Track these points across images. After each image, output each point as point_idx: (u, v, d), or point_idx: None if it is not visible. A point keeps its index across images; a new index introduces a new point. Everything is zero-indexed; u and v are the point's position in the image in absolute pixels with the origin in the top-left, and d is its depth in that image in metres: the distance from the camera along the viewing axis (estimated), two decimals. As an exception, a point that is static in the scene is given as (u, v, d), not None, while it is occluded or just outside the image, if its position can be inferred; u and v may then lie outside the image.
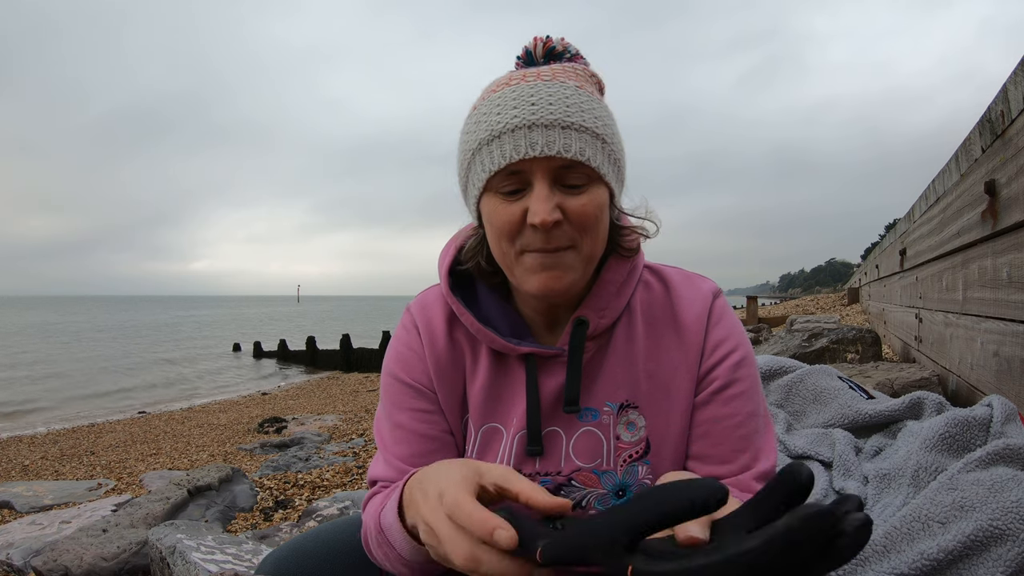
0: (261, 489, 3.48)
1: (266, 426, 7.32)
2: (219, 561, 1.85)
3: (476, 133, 0.72)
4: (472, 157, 0.73)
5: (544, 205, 0.68)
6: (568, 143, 0.68)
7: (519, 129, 0.68)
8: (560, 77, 0.72)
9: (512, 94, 0.71)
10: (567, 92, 0.71)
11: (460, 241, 0.84)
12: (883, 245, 7.20)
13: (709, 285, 0.83)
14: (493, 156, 0.70)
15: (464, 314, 0.81)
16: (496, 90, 0.73)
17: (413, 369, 0.83)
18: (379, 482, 0.81)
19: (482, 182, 0.72)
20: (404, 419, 0.82)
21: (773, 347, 4.04)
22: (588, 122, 0.70)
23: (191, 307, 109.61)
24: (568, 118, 0.69)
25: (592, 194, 0.71)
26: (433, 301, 0.86)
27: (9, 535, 2.92)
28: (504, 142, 0.69)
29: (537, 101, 0.69)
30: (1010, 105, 1.89)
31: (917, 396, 1.87)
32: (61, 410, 11.18)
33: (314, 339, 20.08)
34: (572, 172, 0.70)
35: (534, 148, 0.68)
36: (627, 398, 0.79)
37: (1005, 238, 2.00)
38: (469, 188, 0.76)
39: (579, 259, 0.73)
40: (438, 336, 0.83)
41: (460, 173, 0.78)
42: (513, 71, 0.77)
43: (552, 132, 0.68)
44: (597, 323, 0.79)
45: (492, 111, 0.71)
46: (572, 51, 0.78)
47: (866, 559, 1.14)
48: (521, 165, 0.69)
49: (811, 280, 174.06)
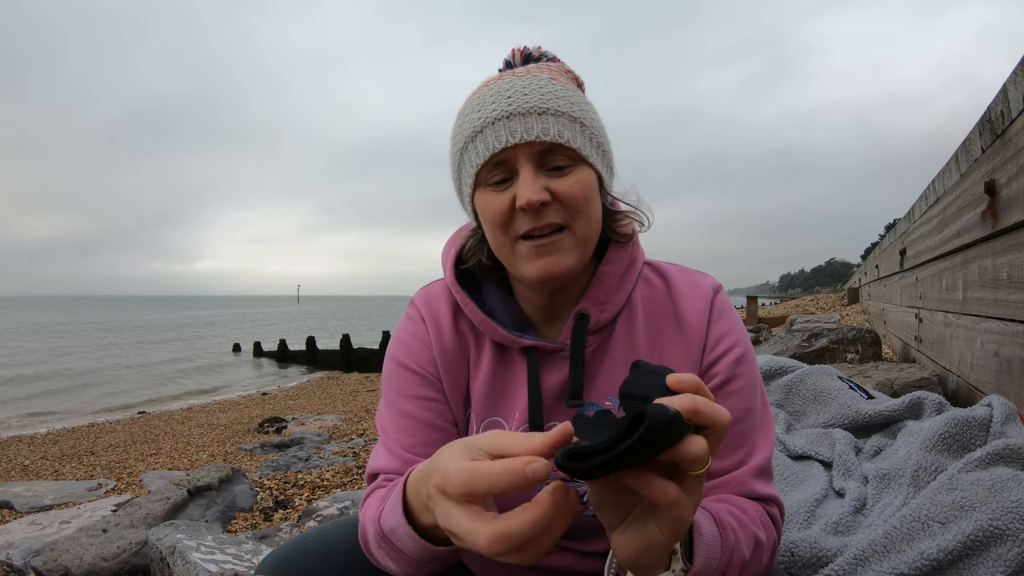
0: (261, 489, 3.48)
1: (266, 426, 7.32)
2: (219, 561, 1.85)
3: (461, 133, 0.76)
4: (461, 156, 0.77)
5: (530, 187, 0.71)
6: (546, 127, 0.72)
7: (499, 121, 0.72)
8: (535, 72, 0.77)
9: (490, 92, 0.75)
10: (540, 83, 0.75)
11: (462, 239, 0.86)
12: (883, 245, 7.20)
13: (710, 281, 0.84)
14: (478, 150, 0.74)
15: (468, 305, 0.82)
16: (476, 93, 0.78)
17: (420, 357, 0.83)
18: (381, 474, 0.81)
19: (472, 178, 0.75)
20: (410, 407, 0.82)
21: (773, 347, 4.04)
22: (563, 107, 0.74)
23: (193, 307, 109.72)
24: (543, 104, 0.73)
25: (578, 175, 0.74)
26: (438, 294, 0.87)
27: (9, 535, 2.92)
28: (487, 135, 0.73)
29: (513, 94, 0.73)
30: (1010, 105, 1.89)
31: (917, 396, 1.87)
32: (60, 410, 11.19)
33: (314, 339, 20.08)
34: (554, 155, 0.73)
35: (514, 136, 0.71)
36: None
37: (1005, 238, 2.00)
38: (462, 187, 0.79)
39: (574, 241, 0.74)
40: (444, 327, 0.84)
41: (453, 175, 0.81)
42: (492, 75, 0.80)
43: (529, 119, 0.72)
44: (598, 317, 0.80)
45: (473, 110, 0.75)
46: (549, 55, 0.83)
47: (866, 559, 1.14)
48: (505, 154, 0.73)
49: (811, 280, 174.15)
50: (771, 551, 0.73)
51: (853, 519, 1.38)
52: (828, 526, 1.34)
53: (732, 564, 0.64)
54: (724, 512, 0.68)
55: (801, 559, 1.21)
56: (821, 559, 1.20)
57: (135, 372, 17.25)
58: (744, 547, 0.67)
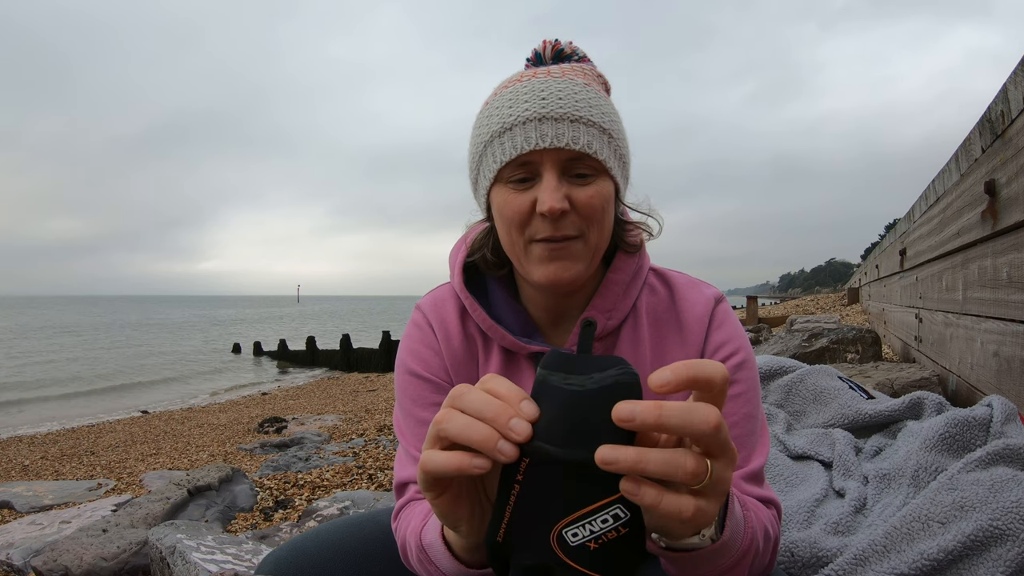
0: (261, 489, 3.48)
1: (266, 426, 7.32)
2: (219, 561, 1.85)
3: (488, 126, 0.75)
4: (484, 149, 0.75)
5: (553, 194, 0.70)
6: (577, 136, 0.71)
7: (530, 121, 0.71)
8: (569, 75, 0.75)
9: (524, 89, 0.73)
10: (576, 88, 0.73)
11: (471, 239, 0.86)
12: (883, 245, 7.20)
13: (712, 291, 0.84)
14: (505, 147, 0.72)
15: (476, 310, 0.82)
16: (508, 86, 0.76)
17: (431, 364, 0.83)
18: (410, 483, 0.81)
19: (493, 173, 0.74)
20: (428, 415, 0.81)
21: (773, 347, 4.04)
22: (596, 117, 0.73)
23: (199, 307, 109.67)
24: (577, 112, 0.71)
25: (599, 186, 0.73)
26: (445, 298, 0.87)
27: (9, 535, 2.92)
28: (516, 134, 0.72)
29: (548, 96, 0.72)
30: (1010, 105, 1.89)
31: (917, 396, 1.87)
32: (62, 410, 11.19)
33: (314, 339, 20.08)
34: (580, 164, 0.72)
35: (544, 139, 0.70)
36: None
37: (1005, 238, 2.00)
38: (480, 180, 0.78)
39: (586, 250, 0.74)
40: (452, 332, 0.84)
41: (471, 166, 0.80)
42: (525, 70, 0.79)
43: (562, 125, 0.71)
44: (604, 324, 0.80)
45: (504, 105, 0.74)
46: (580, 54, 0.81)
47: (866, 559, 1.14)
48: (531, 156, 0.72)
49: (811, 280, 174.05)
50: (774, 548, 0.74)
51: (853, 519, 1.38)
52: (828, 526, 1.34)
53: (751, 547, 0.64)
54: (741, 496, 0.68)
55: (801, 559, 1.21)
56: (821, 559, 1.20)
57: (136, 372, 17.25)
58: (759, 534, 0.66)
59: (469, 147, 0.80)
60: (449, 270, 0.87)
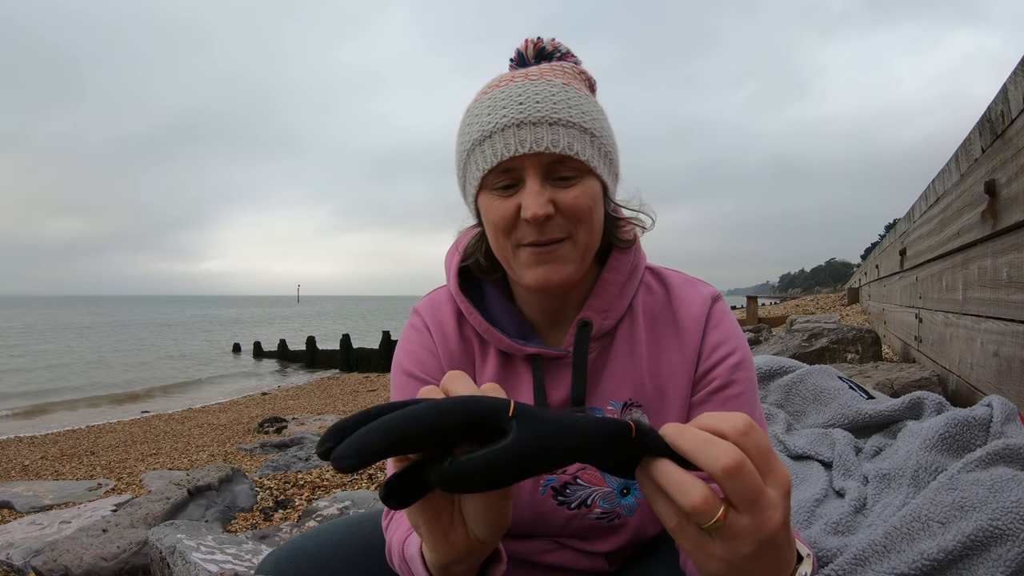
0: (261, 489, 3.48)
1: (266, 426, 7.32)
2: (219, 561, 1.85)
3: (469, 134, 0.75)
4: (467, 157, 0.76)
5: (535, 200, 0.70)
6: (556, 139, 0.71)
7: (508, 128, 0.71)
8: (548, 76, 0.75)
9: (501, 95, 0.73)
10: (554, 90, 0.73)
11: (463, 245, 0.86)
12: (883, 245, 7.20)
13: (709, 289, 0.84)
14: (486, 155, 0.72)
15: (472, 314, 0.82)
16: (487, 92, 0.76)
17: (428, 367, 0.83)
18: None
19: (477, 180, 0.75)
20: None
21: (773, 347, 4.04)
22: (575, 117, 0.72)
23: (200, 307, 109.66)
24: (555, 115, 0.71)
25: (583, 186, 0.73)
26: (441, 301, 0.87)
27: (9, 535, 2.92)
28: (495, 141, 0.72)
29: (525, 100, 0.72)
30: (1010, 105, 1.89)
31: (917, 396, 1.87)
32: (63, 409, 11.19)
33: (314, 339, 20.07)
34: (562, 166, 0.72)
35: (523, 145, 0.70)
36: (630, 397, 0.80)
37: (1005, 238, 2.00)
38: (467, 187, 0.79)
39: (575, 251, 0.74)
40: (449, 335, 0.84)
41: (458, 173, 0.80)
42: (504, 73, 0.79)
43: (540, 129, 0.70)
44: (600, 324, 0.80)
45: (484, 112, 0.74)
46: (562, 50, 0.80)
47: (866, 559, 1.14)
48: (512, 162, 0.72)
49: (811, 280, 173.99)
50: None
51: (853, 519, 1.38)
52: (828, 526, 1.34)
53: None
54: None
55: (801, 559, 1.21)
56: (821, 559, 1.20)
57: (137, 371, 17.23)
58: None
59: (455, 155, 0.80)
60: (445, 274, 0.87)
